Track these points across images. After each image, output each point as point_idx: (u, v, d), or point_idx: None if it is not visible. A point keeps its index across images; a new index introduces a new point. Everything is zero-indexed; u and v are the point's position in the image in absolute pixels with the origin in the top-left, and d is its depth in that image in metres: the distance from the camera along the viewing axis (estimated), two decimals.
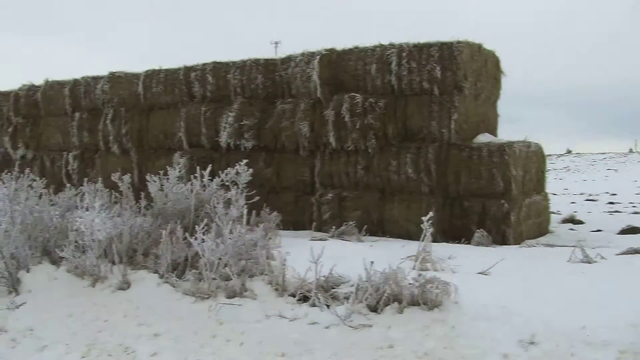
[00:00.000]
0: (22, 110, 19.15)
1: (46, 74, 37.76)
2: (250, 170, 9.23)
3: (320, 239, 10.90)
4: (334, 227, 12.11)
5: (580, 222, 15.55)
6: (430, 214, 8.04)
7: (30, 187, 9.65)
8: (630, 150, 71.42)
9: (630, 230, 13.58)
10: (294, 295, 7.00)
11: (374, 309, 6.39)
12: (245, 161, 9.27)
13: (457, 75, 12.29)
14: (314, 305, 6.68)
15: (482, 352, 5.49)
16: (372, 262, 6.55)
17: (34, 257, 8.96)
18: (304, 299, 6.89)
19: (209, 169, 9.43)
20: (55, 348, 6.67)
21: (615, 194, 26.89)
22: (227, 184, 9.13)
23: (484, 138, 12.91)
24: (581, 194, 26.60)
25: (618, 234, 13.46)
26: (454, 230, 12.01)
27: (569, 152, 71.42)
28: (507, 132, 14.53)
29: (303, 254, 6.92)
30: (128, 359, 6.29)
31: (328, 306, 6.56)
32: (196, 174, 9.36)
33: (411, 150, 12.49)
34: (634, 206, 21.09)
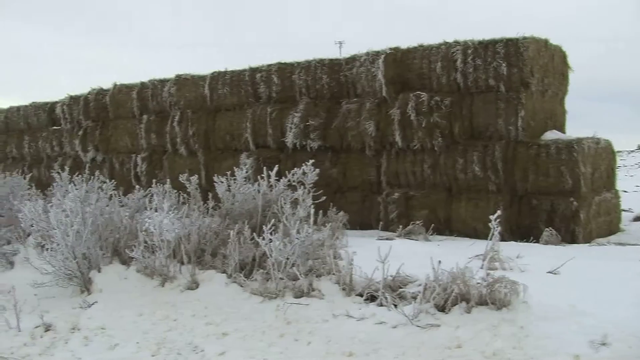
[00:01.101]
0: (92, 113, 19.63)
1: (114, 78, 38.50)
2: (317, 170, 9.30)
3: (387, 239, 10.89)
4: (400, 226, 12.10)
5: None
6: (498, 212, 7.96)
7: (101, 189, 9.88)
8: None
9: None
10: (361, 295, 7.01)
11: (441, 308, 6.35)
12: (311, 161, 9.34)
13: (524, 71, 12.10)
14: (381, 304, 6.68)
15: (552, 353, 5.40)
16: (439, 262, 6.52)
17: (104, 257, 9.18)
18: (372, 298, 6.89)
19: (275, 169, 9.51)
20: (126, 346, 6.80)
21: None
22: (293, 184, 9.19)
23: (551, 135, 12.69)
24: None
25: None
26: (522, 229, 11.85)
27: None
28: (575, 128, 14.23)
29: (370, 253, 6.92)
30: (197, 358, 6.37)
31: (395, 306, 6.56)
32: (263, 175, 9.44)
33: (478, 148, 12.36)
34: None
